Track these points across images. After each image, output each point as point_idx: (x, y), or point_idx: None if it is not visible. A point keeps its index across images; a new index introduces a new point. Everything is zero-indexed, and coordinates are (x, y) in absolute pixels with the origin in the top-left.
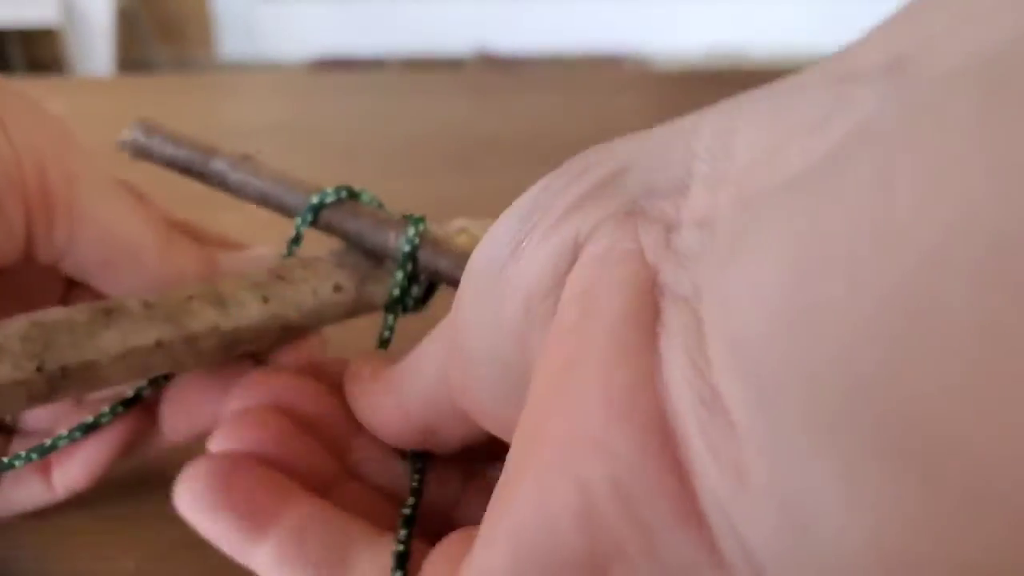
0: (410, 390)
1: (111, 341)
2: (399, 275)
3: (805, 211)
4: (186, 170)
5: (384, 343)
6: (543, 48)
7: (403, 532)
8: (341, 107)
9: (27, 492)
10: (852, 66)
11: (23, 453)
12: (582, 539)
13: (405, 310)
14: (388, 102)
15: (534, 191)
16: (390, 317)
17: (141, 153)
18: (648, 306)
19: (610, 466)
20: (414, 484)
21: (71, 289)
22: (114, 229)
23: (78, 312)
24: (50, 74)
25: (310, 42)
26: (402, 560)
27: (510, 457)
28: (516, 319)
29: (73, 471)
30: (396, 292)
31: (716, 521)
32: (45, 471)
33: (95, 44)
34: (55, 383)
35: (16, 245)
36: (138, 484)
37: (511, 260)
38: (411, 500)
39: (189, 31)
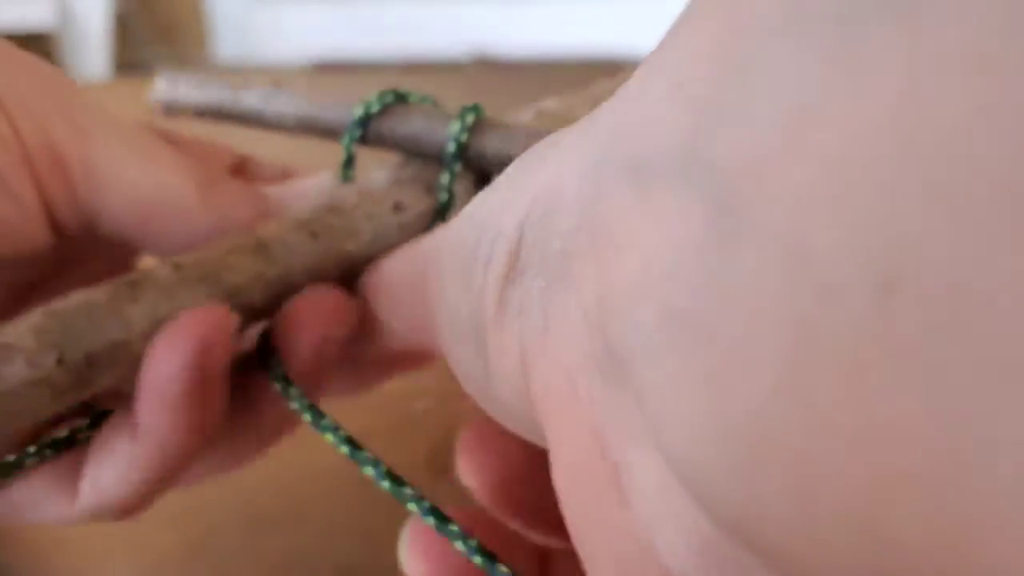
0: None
1: (139, 316)
2: (444, 177)
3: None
4: (217, 113)
5: None
6: (542, 50)
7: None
8: None
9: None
10: (644, 148)
11: (32, 449)
12: None
13: None
14: None
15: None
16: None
17: (171, 107)
18: (602, 461)
19: None
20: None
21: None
22: (142, 181)
23: (98, 291)
24: None
25: (308, 45)
26: None
27: None
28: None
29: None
30: (444, 197)
31: None
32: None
33: (91, 47)
34: (82, 375)
35: (34, 220)
36: None
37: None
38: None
39: (186, 34)
